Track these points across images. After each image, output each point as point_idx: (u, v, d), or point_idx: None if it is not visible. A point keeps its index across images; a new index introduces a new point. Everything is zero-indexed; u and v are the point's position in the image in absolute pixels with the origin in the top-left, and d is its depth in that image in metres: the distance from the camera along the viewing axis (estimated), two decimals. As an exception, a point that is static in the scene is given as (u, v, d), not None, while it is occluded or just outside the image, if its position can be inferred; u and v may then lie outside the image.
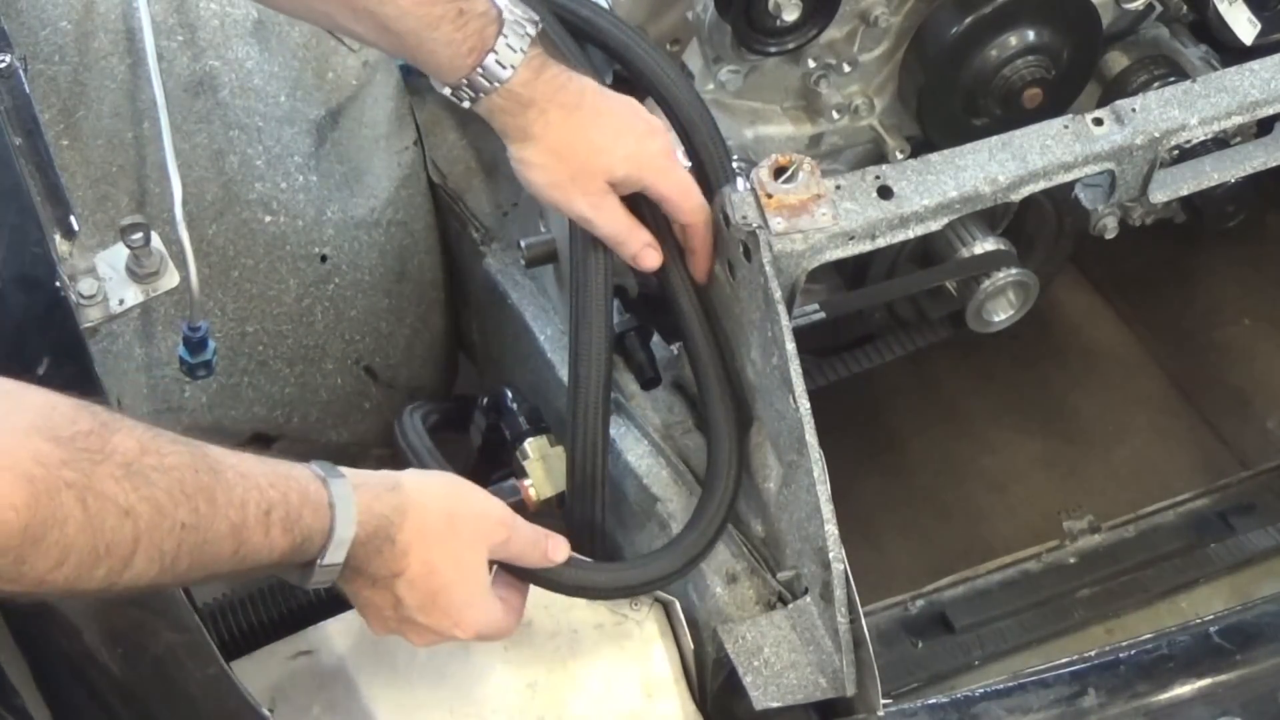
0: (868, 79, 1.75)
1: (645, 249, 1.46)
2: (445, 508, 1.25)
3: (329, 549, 1.17)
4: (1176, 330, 2.35)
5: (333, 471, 1.19)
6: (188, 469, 1.06)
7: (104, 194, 1.70)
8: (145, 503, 1.02)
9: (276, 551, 1.13)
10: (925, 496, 2.17)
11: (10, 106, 1.49)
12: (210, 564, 1.09)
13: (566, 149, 1.41)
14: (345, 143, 1.85)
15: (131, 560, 1.02)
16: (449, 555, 1.24)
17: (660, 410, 1.61)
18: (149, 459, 1.03)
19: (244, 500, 1.10)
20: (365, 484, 1.21)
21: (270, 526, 1.11)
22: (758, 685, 1.35)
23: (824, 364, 1.90)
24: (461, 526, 1.26)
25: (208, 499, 1.07)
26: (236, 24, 1.75)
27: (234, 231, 1.77)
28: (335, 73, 1.82)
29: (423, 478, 1.28)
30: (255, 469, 1.13)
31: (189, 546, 1.06)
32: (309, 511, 1.15)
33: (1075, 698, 1.30)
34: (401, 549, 1.22)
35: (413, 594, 1.24)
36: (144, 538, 1.02)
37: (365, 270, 1.87)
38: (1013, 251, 1.66)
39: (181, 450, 1.07)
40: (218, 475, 1.08)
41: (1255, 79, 1.53)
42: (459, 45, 1.36)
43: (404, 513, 1.22)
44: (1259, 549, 1.83)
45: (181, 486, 1.05)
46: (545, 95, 1.39)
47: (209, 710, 1.27)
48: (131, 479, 1.01)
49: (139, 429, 1.05)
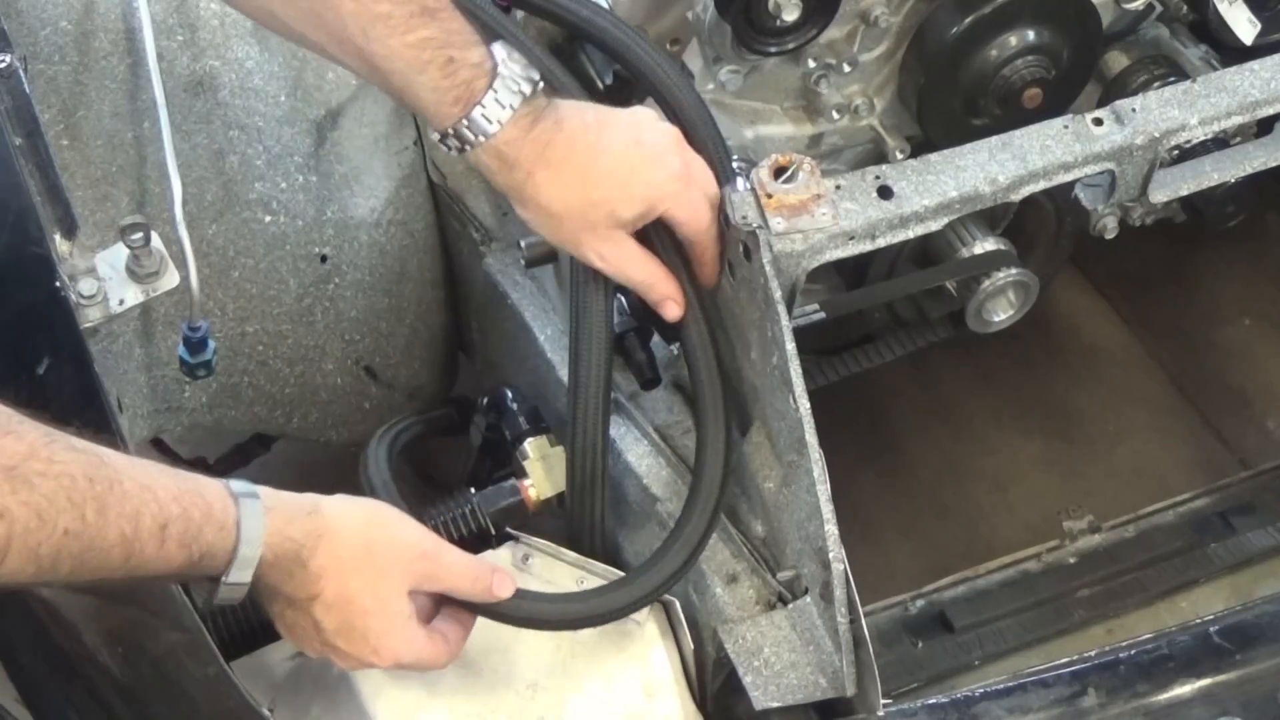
0: (868, 79, 1.75)
1: (666, 301, 1.44)
2: (363, 535, 1.25)
3: (232, 568, 1.17)
4: (1176, 330, 2.35)
5: (247, 491, 1.19)
6: (80, 476, 1.07)
7: (104, 194, 1.70)
8: (23, 506, 1.02)
9: (173, 564, 1.13)
10: (925, 496, 2.17)
11: (10, 106, 1.49)
12: (97, 570, 1.09)
13: (562, 208, 1.38)
14: (345, 143, 1.84)
15: (3, 560, 1.03)
16: (364, 583, 1.24)
17: (660, 410, 1.61)
18: (35, 464, 1.04)
19: (138, 512, 1.10)
20: (279, 506, 1.21)
21: (166, 540, 1.12)
22: (758, 685, 1.35)
23: (824, 364, 1.90)
24: (379, 555, 1.26)
25: (97, 508, 1.07)
26: (236, 24, 1.75)
27: (234, 231, 1.77)
28: (335, 73, 1.82)
29: (344, 504, 1.27)
30: (159, 481, 1.13)
31: (71, 552, 1.06)
32: (211, 529, 1.15)
33: (1075, 698, 1.30)
34: (315, 573, 1.22)
35: (329, 618, 1.24)
36: (17, 540, 1.02)
37: (365, 270, 1.87)
38: (1013, 251, 1.66)
39: (76, 457, 1.08)
40: (113, 485, 1.09)
41: (1255, 79, 1.53)
42: (445, 93, 1.32)
43: (319, 537, 1.22)
44: (1259, 549, 1.83)
45: (68, 493, 1.05)
46: (530, 157, 1.35)
47: (209, 710, 1.27)
48: (11, 482, 1.02)
49: (34, 434, 1.06)
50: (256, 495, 1.20)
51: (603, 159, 1.38)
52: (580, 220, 1.39)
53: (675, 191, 1.40)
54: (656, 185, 1.39)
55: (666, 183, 1.39)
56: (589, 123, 1.39)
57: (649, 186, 1.39)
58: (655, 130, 1.42)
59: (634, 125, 1.41)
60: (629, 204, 1.39)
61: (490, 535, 1.54)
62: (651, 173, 1.39)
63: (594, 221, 1.39)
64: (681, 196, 1.40)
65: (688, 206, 1.41)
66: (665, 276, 1.43)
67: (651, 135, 1.41)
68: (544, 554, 1.50)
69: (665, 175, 1.39)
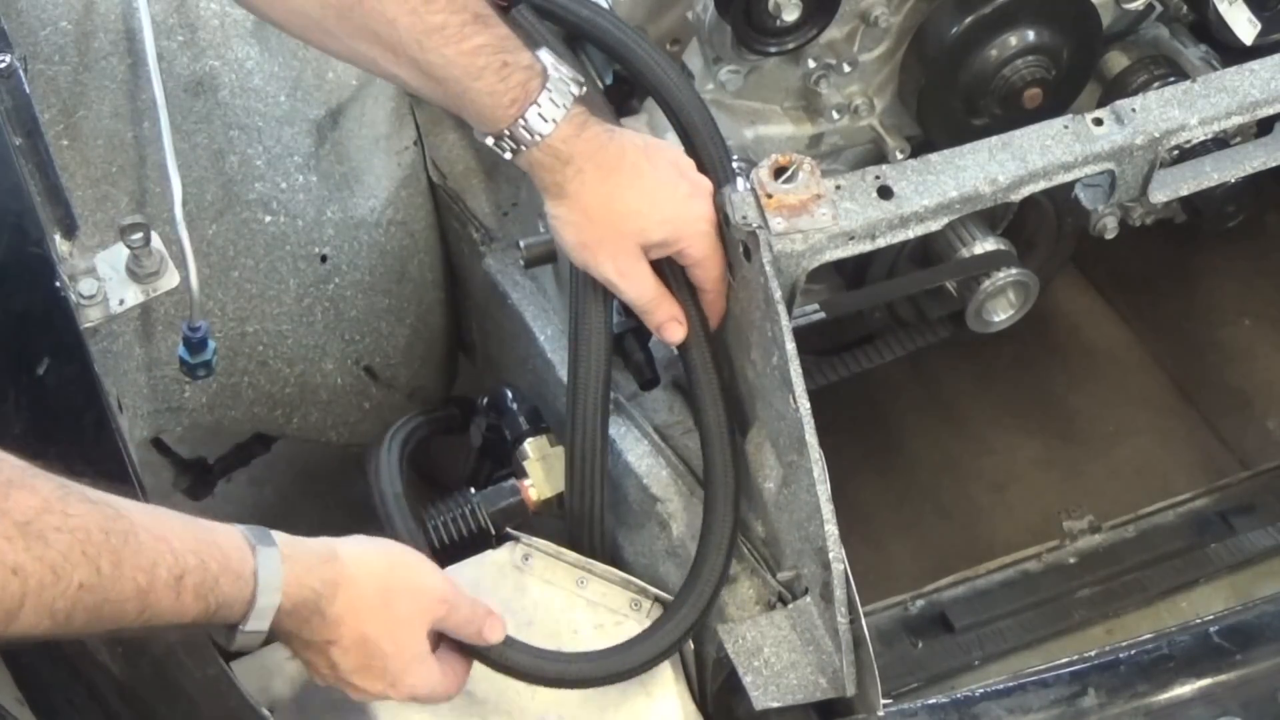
0: (868, 79, 1.75)
1: (670, 322, 1.45)
2: (381, 582, 1.26)
3: (250, 617, 1.17)
4: (1176, 330, 2.35)
5: (264, 539, 1.19)
6: (95, 529, 1.06)
7: (104, 194, 1.70)
8: (37, 562, 1.01)
9: (188, 615, 1.12)
10: (925, 496, 2.17)
11: (10, 106, 1.49)
12: (112, 621, 1.09)
13: (600, 210, 1.40)
14: (345, 143, 1.85)
15: (18, 615, 1.01)
16: (383, 629, 1.25)
17: (660, 410, 1.61)
18: (50, 518, 1.03)
19: (154, 564, 1.09)
20: (296, 555, 1.20)
21: (181, 592, 1.11)
22: (758, 685, 1.35)
23: (824, 364, 1.90)
24: (397, 602, 1.27)
25: (112, 561, 1.06)
26: (236, 24, 1.75)
27: (234, 231, 1.77)
28: (335, 73, 1.82)
29: (361, 549, 1.27)
30: (175, 531, 1.12)
31: (86, 605, 1.05)
32: (228, 580, 1.14)
33: (1075, 698, 1.30)
34: (333, 621, 1.23)
35: (347, 660, 1.25)
36: (32, 596, 1.01)
37: (365, 270, 1.87)
38: (1013, 251, 1.66)
39: (91, 510, 1.07)
40: (128, 538, 1.08)
41: (1255, 79, 1.53)
42: (501, 96, 1.35)
43: (336, 586, 1.22)
44: (1259, 549, 1.83)
45: (83, 547, 1.04)
46: (584, 154, 1.38)
47: (209, 710, 1.27)
48: (25, 538, 1.01)
49: (47, 486, 1.05)
50: (274, 543, 1.19)
51: (649, 178, 1.41)
52: (609, 227, 1.41)
53: (702, 233, 1.42)
54: (688, 221, 1.42)
55: (697, 222, 1.42)
56: (639, 142, 1.43)
57: (681, 220, 1.42)
58: (696, 173, 1.45)
59: (679, 159, 1.45)
60: (659, 227, 1.41)
61: (490, 535, 1.54)
62: (688, 207, 1.42)
63: (623, 232, 1.41)
64: (705, 240, 1.42)
65: (707, 251, 1.43)
66: (671, 299, 1.45)
67: (694, 175, 1.44)
68: (544, 554, 1.50)
69: (697, 215, 1.42)
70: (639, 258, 1.43)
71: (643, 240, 1.41)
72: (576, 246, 1.43)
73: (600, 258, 1.42)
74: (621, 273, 1.43)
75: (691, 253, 1.43)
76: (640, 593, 1.49)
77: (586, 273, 1.46)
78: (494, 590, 1.46)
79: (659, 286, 1.45)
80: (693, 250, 1.42)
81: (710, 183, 1.44)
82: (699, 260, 1.43)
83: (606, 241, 1.41)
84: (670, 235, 1.41)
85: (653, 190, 1.41)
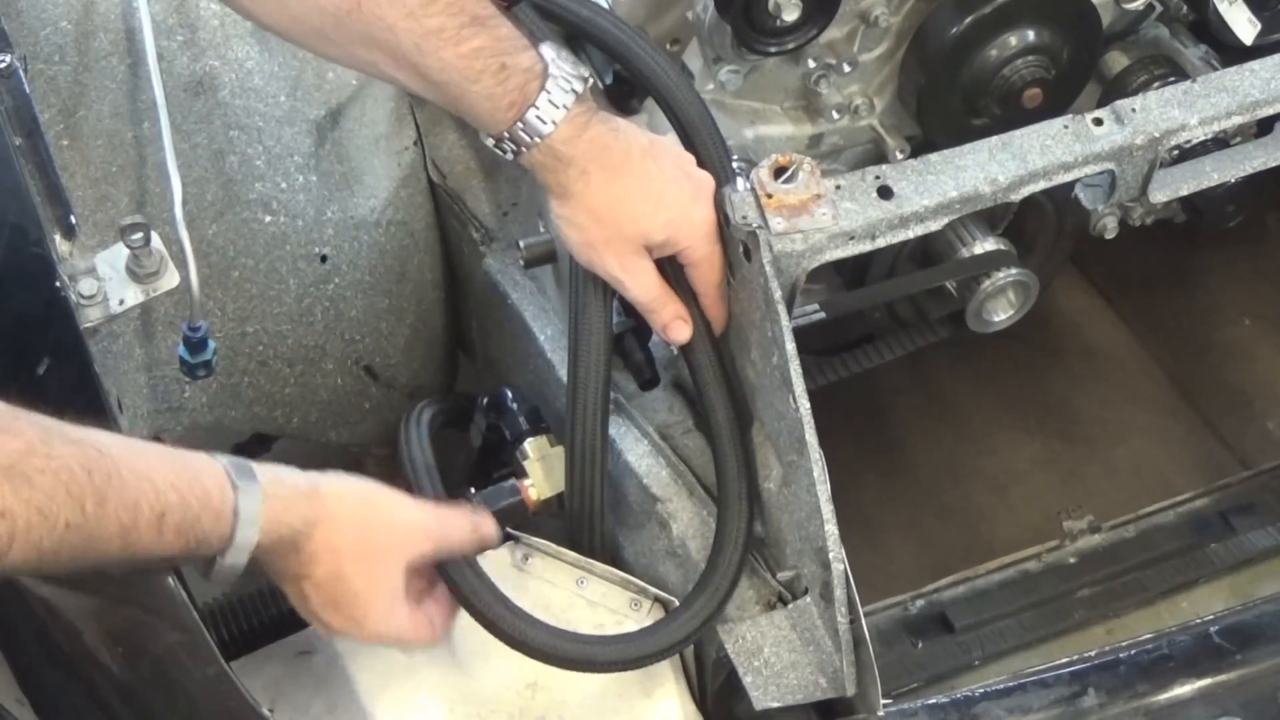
0: (868, 79, 1.75)
1: (675, 321, 1.45)
2: (358, 521, 1.27)
3: (228, 552, 1.19)
4: (1176, 330, 2.35)
5: (246, 476, 1.21)
6: (79, 469, 1.08)
7: (104, 194, 1.70)
8: (24, 505, 1.04)
9: (169, 550, 1.15)
10: (925, 496, 2.17)
11: (10, 106, 1.49)
12: (96, 558, 1.11)
13: (605, 211, 1.40)
14: (345, 143, 1.84)
15: (7, 554, 1.04)
16: (357, 568, 1.27)
17: (660, 410, 1.61)
18: (35, 460, 1.05)
19: (136, 502, 1.11)
20: (277, 494, 1.22)
21: (164, 529, 1.13)
22: (758, 685, 1.35)
23: (824, 364, 1.90)
24: (374, 540, 1.28)
25: (96, 500, 1.08)
26: (236, 24, 1.75)
27: (234, 231, 1.77)
28: (335, 73, 1.82)
29: (342, 487, 1.29)
30: (157, 468, 1.14)
31: (71, 544, 1.07)
32: (208, 517, 1.17)
33: (1075, 698, 1.30)
34: (307, 557, 1.25)
35: (318, 594, 1.27)
36: (20, 536, 1.04)
37: (365, 270, 1.87)
38: (1013, 251, 1.66)
39: (74, 450, 1.09)
40: (111, 477, 1.10)
41: (1255, 79, 1.53)
42: (499, 99, 1.35)
43: (314, 524, 1.24)
44: (1259, 549, 1.83)
45: (68, 488, 1.07)
46: (587, 155, 1.38)
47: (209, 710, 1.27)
48: (11, 480, 1.03)
49: (33, 428, 1.07)
50: (255, 479, 1.21)
51: (655, 179, 1.41)
52: (614, 228, 1.41)
53: (703, 235, 1.42)
54: (692, 224, 1.42)
55: (700, 225, 1.42)
56: (644, 142, 1.42)
57: (685, 221, 1.42)
58: (701, 174, 1.45)
59: (682, 158, 1.45)
60: (663, 228, 1.41)
61: (490, 535, 1.54)
62: (691, 209, 1.42)
63: (628, 234, 1.41)
64: (706, 241, 1.43)
65: (707, 254, 1.43)
66: (676, 299, 1.45)
67: (698, 174, 1.44)
68: (544, 554, 1.50)
69: (700, 218, 1.42)
70: (643, 256, 1.43)
71: (646, 240, 1.42)
72: (581, 246, 1.43)
73: (606, 257, 1.42)
74: (626, 270, 1.43)
75: (692, 254, 1.43)
76: (640, 593, 1.49)
77: (590, 271, 1.46)
78: (494, 590, 1.46)
79: (663, 285, 1.45)
80: (693, 252, 1.43)
81: (711, 180, 1.44)
82: (697, 262, 1.43)
83: (612, 241, 1.41)
84: (673, 236, 1.42)
85: (658, 192, 1.41)
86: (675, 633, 1.40)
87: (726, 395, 1.48)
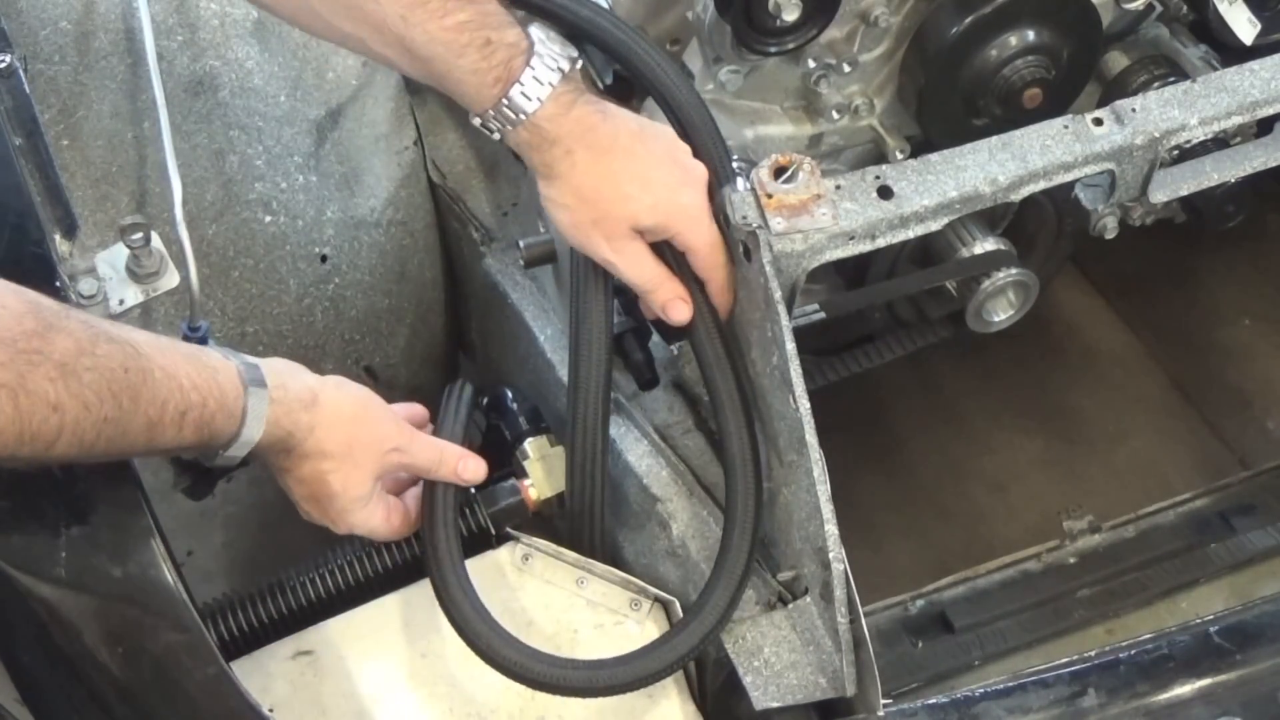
0: (868, 79, 1.75)
1: (674, 301, 1.44)
2: (347, 429, 1.38)
3: (232, 447, 1.31)
4: (1176, 330, 2.35)
5: (257, 379, 1.31)
6: (118, 368, 1.18)
7: (104, 194, 1.70)
8: (74, 399, 1.14)
9: (185, 443, 1.27)
10: (925, 496, 2.17)
11: (10, 106, 1.49)
12: (124, 450, 1.23)
13: (592, 192, 1.40)
14: (345, 143, 1.85)
15: (55, 445, 1.15)
16: (337, 472, 1.38)
17: (660, 410, 1.61)
18: (84, 359, 1.15)
19: (165, 401, 1.22)
20: (281, 400, 1.33)
21: (184, 426, 1.24)
22: (758, 685, 1.35)
23: (824, 364, 1.90)
24: (356, 449, 1.39)
25: (131, 397, 1.19)
26: (236, 24, 1.75)
27: (234, 231, 1.77)
28: (335, 73, 1.82)
29: (339, 396, 1.40)
30: (182, 368, 1.25)
31: (107, 436, 1.18)
32: (222, 416, 1.28)
33: (1075, 698, 1.30)
34: (297, 458, 1.37)
35: (300, 489, 1.40)
36: (68, 429, 1.15)
37: (365, 270, 1.87)
38: (1013, 251, 1.66)
39: (115, 350, 1.19)
40: (145, 376, 1.21)
41: (1255, 79, 1.53)
42: (485, 75, 1.35)
43: (310, 430, 1.35)
44: (1259, 549, 1.83)
45: (109, 385, 1.17)
46: (573, 134, 1.38)
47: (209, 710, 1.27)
48: (66, 378, 1.14)
49: (79, 327, 1.17)
50: (265, 385, 1.32)
51: (641, 161, 1.40)
52: (600, 210, 1.40)
53: (693, 219, 1.42)
54: (680, 208, 1.41)
55: (690, 209, 1.42)
56: (633, 126, 1.42)
57: (673, 206, 1.41)
58: (693, 162, 1.44)
59: (674, 145, 1.44)
60: (650, 213, 1.40)
61: (490, 535, 1.54)
62: (680, 194, 1.41)
63: (616, 215, 1.40)
64: (698, 226, 1.42)
65: (702, 238, 1.42)
66: (671, 278, 1.44)
67: (688, 161, 1.44)
68: (544, 554, 1.50)
69: (690, 202, 1.42)
70: (634, 239, 1.42)
71: (634, 223, 1.41)
72: (570, 227, 1.43)
73: (595, 239, 1.42)
74: (617, 253, 1.42)
75: (685, 240, 1.42)
76: (640, 593, 1.49)
77: (590, 271, 1.46)
78: (494, 590, 1.46)
79: (659, 267, 1.44)
80: (687, 238, 1.42)
81: (705, 169, 1.44)
82: (694, 247, 1.42)
83: (600, 223, 1.41)
84: (661, 221, 1.41)
85: (644, 174, 1.40)
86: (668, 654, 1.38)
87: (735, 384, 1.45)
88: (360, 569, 1.51)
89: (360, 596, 1.50)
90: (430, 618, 1.45)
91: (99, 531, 1.29)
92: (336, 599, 1.49)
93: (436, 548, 1.43)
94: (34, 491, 1.28)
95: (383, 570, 1.51)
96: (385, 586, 1.50)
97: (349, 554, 1.51)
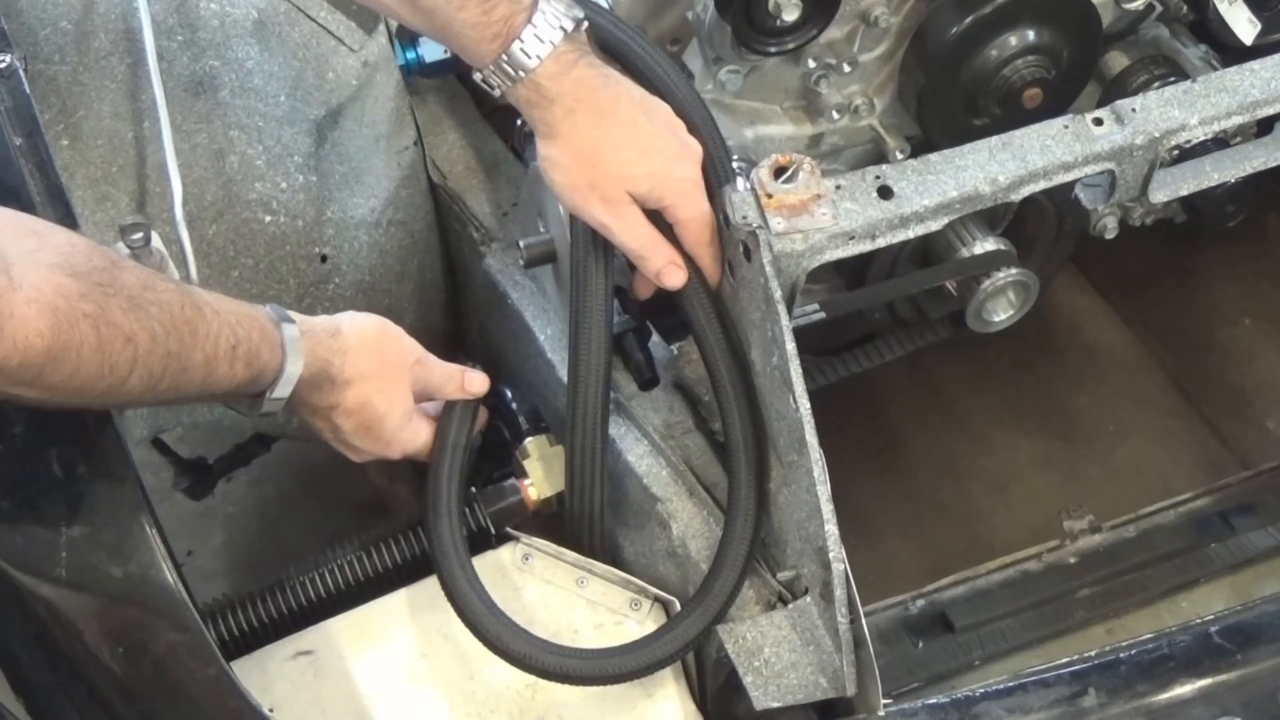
0: (868, 79, 1.75)
1: (669, 266, 1.44)
2: (376, 350, 1.42)
3: (278, 384, 1.33)
4: (1176, 330, 2.35)
5: (284, 315, 1.35)
6: (176, 305, 1.22)
7: (104, 194, 1.70)
8: (144, 331, 1.18)
9: (236, 381, 1.29)
10: (925, 496, 2.17)
11: (10, 106, 1.49)
12: (184, 389, 1.25)
13: (590, 153, 1.40)
14: (345, 143, 1.84)
15: (128, 379, 1.18)
16: (380, 391, 1.42)
17: (660, 410, 1.61)
18: (149, 294, 1.19)
19: (217, 335, 1.26)
20: (310, 330, 1.37)
21: (235, 360, 1.28)
22: (758, 685, 1.35)
23: (824, 364, 1.90)
24: (390, 365, 1.43)
25: (190, 332, 1.23)
26: (236, 24, 1.75)
27: (234, 231, 1.77)
28: (335, 73, 1.82)
29: (359, 323, 1.43)
30: (226, 307, 1.29)
31: (172, 371, 1.21)
32: (266, 349, 1.31)
33: (1075, 698, 1.30)
34: (341, 385, 1.39)
35: (349, 422, 1.42)
36: (140, 361, 1.18)
37: (365, 270, 1.87)
38: (1013, 251, 1.66)
39: (170, 288, 1.23)
40: (200, 310, 1.25)
41: (1255, 79, 1.53)
42: (484, 29, 1.36)
43: (344, 354, 1.39)
44: (1259, 549, 1.83)
45: (172, 319, 1.21)
46: (574, 94, 1.38)
47: (209, 710, 1.27)
48: (135, 310, 1.17)
49: (137, 266, 1.22)
50: (292, 320, 1.36)
51: (642, 129, 1.41)
52: (599, 171, 1.41)
53: (685, 192, 1.42)
54: (675, 179, 1.42)
55: (683, 181, 1.42)
56: (635, 94, 1.43)
57: (668, 176, 1.42)
58: (689, 138, 1.45)
59: (674, 122, 1.45)
60: (646, 179, 1.41)
61: (490, 535, 1.54)
62: (677, 165, 1.42)
63: (612, 178, 1.41)
64: (690, 199, 1.43)
65: (693, 212, 1.43)
66: (665, 243, 1.45)
67: (685, 136, 1.45)
68: (544, 554, 1.50)
69: (685, 175, 1.43)
70: (629, 202, 1.42)
71: (630, 188, 1.41)
72: (566, 189, 1.43)
73: (591, 201, 1.42)
74: (614, 216, 1.43)
75: (677, 212, 1.43)
76: (640, 592, 1.49)
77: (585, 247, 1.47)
78: (495, 589, 1.46)
79: (653, 232, 1.44)
80: (678, 210, 1.42)
81: (700, 147, 1.45)
82: (685, 220, 1.43)
83: (597, 185, 1.41)
84: (655, 189, 1.41)
85: (644, 142, 1.41)
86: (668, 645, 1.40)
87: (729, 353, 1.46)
88: (360, 568, 1.51)
89: (360, 596, 1.50)
90: (430, 617, 1.45)
91: (99, 531, 1.29)
92: (336, 599, 1.49)
93: (442, 540, 1.43)
94: (34, 491, 1.28)
95: (382, 570, 1.51)
96: (385, 586, 1.50)
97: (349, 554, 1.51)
